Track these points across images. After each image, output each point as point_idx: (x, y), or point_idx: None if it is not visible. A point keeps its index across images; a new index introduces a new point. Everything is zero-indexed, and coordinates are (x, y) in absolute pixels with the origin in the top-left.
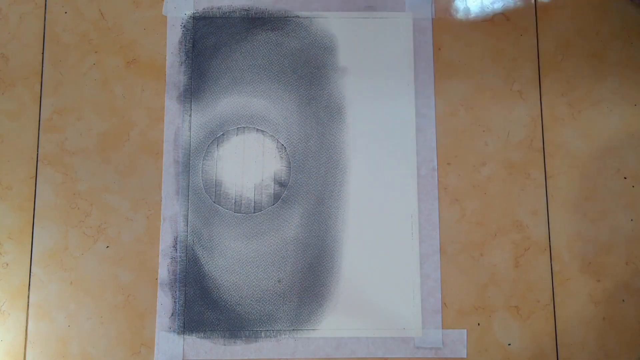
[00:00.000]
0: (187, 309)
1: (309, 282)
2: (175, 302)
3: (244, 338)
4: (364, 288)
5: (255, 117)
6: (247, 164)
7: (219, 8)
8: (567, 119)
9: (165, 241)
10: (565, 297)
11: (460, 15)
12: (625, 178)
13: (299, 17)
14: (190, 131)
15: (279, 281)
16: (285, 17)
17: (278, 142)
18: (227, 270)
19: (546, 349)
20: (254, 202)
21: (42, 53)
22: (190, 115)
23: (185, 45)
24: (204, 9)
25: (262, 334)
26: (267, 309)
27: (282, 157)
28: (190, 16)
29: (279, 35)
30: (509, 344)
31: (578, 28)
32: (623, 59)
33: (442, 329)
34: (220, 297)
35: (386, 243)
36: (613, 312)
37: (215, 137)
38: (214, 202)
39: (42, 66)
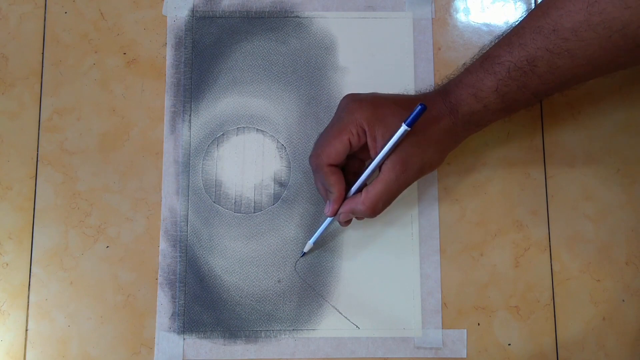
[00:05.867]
0: (187, 309)
1: (309, 282)
2: (175, 302)
3: (244, 338)
4: (363, 288)
5: (255, 117)
6: (247, 164)
7: (219, 8)
8: (567, 119)
9: (165, 241)
10: (565, 297)
11: (460, 15)
12: (625, 178)
13: (299, 17)
14: (190, 131)
15: (279, 281)
16: (285, 17)
17: (278, 142)
18: (227, 270)
19: (546, 349)
20: (254, 202)
21: (42, 53)
22: (190, 115)
23: (185, 45)
24: (203, 9)
25: (262, 334)
26: (267, 309)
27: (282, 157)
28: (190, 16)
29: (279, 35)
30: (509, 344)
31: None
32: None
33: (442, 329)
34: (220, 297)
35: (386, 243)
36: (613, 312)
37: (215, 137)
38: (214, 202)
39: (42, 66)
